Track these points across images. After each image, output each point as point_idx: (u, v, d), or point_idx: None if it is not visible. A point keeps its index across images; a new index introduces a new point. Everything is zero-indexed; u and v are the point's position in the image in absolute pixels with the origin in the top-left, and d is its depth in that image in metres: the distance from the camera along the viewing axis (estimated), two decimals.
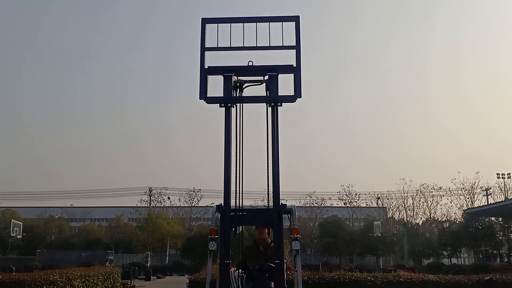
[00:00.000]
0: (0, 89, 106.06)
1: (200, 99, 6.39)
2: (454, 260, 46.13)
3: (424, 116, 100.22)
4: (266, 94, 6.53)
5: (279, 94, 6.35)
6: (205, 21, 6.66)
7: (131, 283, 26.47)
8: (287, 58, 6.56)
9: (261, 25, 6.59)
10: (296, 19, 6.59)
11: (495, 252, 42.36)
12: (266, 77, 6.52)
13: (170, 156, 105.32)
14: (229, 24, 6.63)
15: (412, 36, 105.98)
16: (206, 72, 6.51)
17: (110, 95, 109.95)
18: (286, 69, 6.46)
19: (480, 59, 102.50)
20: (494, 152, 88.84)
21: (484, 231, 41.31)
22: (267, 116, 6.39)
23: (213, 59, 6.66)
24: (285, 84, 6.47)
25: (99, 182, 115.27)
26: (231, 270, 6.60)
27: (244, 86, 6.71)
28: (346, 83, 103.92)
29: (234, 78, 6.55)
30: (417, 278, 14.62)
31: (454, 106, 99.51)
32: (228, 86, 6.46)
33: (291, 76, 6.44)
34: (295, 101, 6.37)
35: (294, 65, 6.45)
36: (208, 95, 6.43)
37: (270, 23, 6.56)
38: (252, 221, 6.81)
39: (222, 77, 6.52)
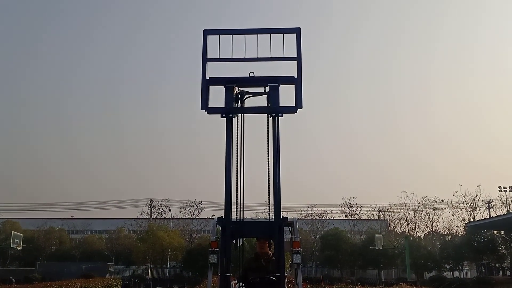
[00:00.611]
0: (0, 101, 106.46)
1: (201, 109, 6.40)
2: (456, 274, 45.79)
3: (427, 125, 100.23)
4: (267, 104, 6.53)
5: (280, 105, 6.36)
6: (207, 33, 6.70)
7: None
8: (288, 69, 6.60)
9: (262, 37, 6.63)
10: (297, 31, 6.64)
11: (497, 265, 42.09)
12: (267, 88, 6.54)
13: (171, 168, 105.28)
14: (231, 35, 6.66)
15: (415, 44, 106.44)
16: (207, 82, 6.53)
17: (111, 106, 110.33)
18: (287, 80, 6.49)
19: (484, 65, 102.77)
20: (497, 161, 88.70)
21: (486, 244, 41.08)
22: (268, 126, 6.40)
23: (214, 70, 6.69)
24: (286, 94, 6.50)
25: (99, 194, 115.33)
26: (231, 283, 6.57)
27: (245, 97, 6.72)
28: (348, 92, 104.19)
29: (236, 89, 6.57)
30: None
31: (458, 115, 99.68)
32: (229, 96, 6.48)
33: (292, 86, 6.46)
34: (296, 112, 6.38)
35: (295, 76, 6.47)
36: (209, 105, 6.44)
37: (272, 35, 6.59)
38: (253, 233, 6.79)
39: (224, 88, 6.53)
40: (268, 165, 6.24)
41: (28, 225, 59.75)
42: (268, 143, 6.30)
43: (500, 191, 53.37)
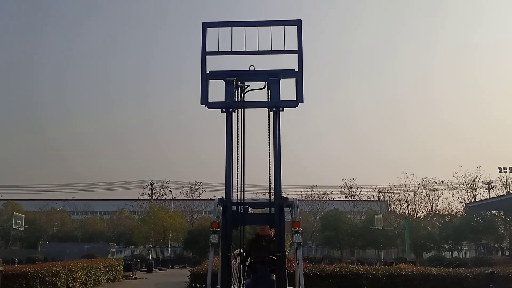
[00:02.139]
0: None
1: (201, 104, 6.29)
2: (455, 254, 46.17)
3: (427, 109, 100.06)
4: (268, 98, 6.44)
5: (281, 99, 6.26)
6: (206, 25, 6.54)
7: (133, 275, 26.57)
8: (289, 62, 6.48)
9: (262, 29, 6.51)
10: (298, 23, 6.49)
11: (496, 245, 42.40)
12: (268, 82, 6.43)
13: (171, 149, 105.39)
14: (231, 28, 6.53)
15: (418, 30, 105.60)
16: (207, 76, 6.40)
17: (114, 89, 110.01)
18: (288, 73, 6.36)
19: (485, 52, 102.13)
20: (497, 143, 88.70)
21: (486, 224, 41.31)
22: (268, 120, 6.33)
23: (213, 64, 6.57)
24: (287, 87, 6.40)
25: (100, 175, 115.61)
26: (232, 262, 6.62)
27: (245, 91, 6.63)
28: (350, 78, 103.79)
29: (236, 82, 6.46)
30: (418, 271, 14.63)
31: (459, 98, 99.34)
32: (229, 90, 6.36)
33: (293, 80, 6.35)
34: (297, 106, 6.28)
35: (296, 70, 6.35)
36: (209, 99, 6.35)
37: (272, 27, 6.47)
38: (254, 221, 6.81)
39: (224, 82, 6.42)
40: (269, 151, 6.19)
41: (30, 206, 60.07)
42: (269, 136, 6.23)
43: (500, 172, 53.53)
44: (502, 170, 53.21)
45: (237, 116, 6.34)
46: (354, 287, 13.86)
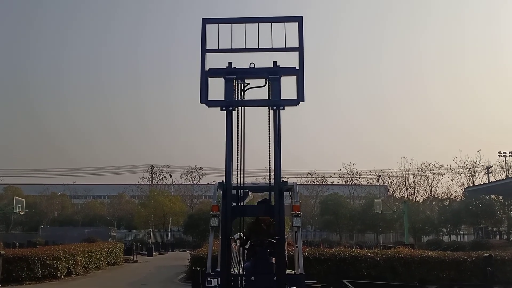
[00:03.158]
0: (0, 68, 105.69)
1: (200, 102, 6.19)
2: (453, 237, 46.49)
3: (422, 102, 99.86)
4: (268, 96, 6.36)
5: (281, 97, 6.18)
6: (205, 22, 6.39)
7: (133, 258, 26.78)
8: (290, 59, 6.35)
9: (263, 27, 6.39)
10: (299, 19, 6.35)
11: (494, 229, 42.60)
12: (269, 80, 6.34)
13: (171, 134, 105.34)
14: (231, 24, 6.41)
15: (407, 19, 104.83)
16: (206, 74, 6.29)
17: (113, 75, 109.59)
18: (288, 71, 6.26)
19: (477, 40, 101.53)
20: (494, 134, 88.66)
21: (485, 209, 41.48)
22: (269, 118, 6.27)
23: (212, 61, 6.45)
24: (288, 84, 6.30)
25: (100, 160, 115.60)
26: (232, 245, 6.65)
27: (245, 89, 6.54)
28: (342, 66, 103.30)
29: (236, 80, 6.36)
30: (417, 255, 14.74)
31: (456, 83, 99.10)
32: (229, 88, 6.25)
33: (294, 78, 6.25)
34: (298, 105, 6.21)
35: (297, 68, 6.25)
36: (208, 96, 6.25)
37: (272, 24, 6.35)
38: (254, 212, 6.81)
39: (223, 80, 6.33)
40: (270, 145, 6.15)
41: (30, 190, 60.23)
42: (269, 134, 6.18)
43: (500, 156, 53.38)
44: (502, 154, 53.11)
45: (237, 114, 6.25)
46: (353, 270, 13.98)
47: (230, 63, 6.35)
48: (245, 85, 6.50)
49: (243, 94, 6.51)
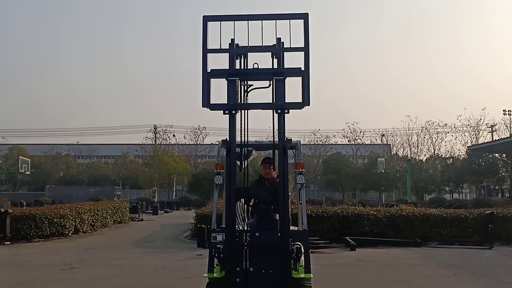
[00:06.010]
0: (6, 30, 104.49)
1: (202, 106, 6.01)
2: (456, 196, 46.84)
3: (430, 54, 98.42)
4: (272, 98, 6.20)
5: (286, 99, 6.02)
6: (207, 19, 6.14)
7: (139, 217, 27.15)
8: (295, 60, 6.15)
9: (266, 24, 6.14)
10: (305, 16, 6.06)
11: (497, 187, 42.90)
12: (273, 81, 6.16)
13: (174, 94, 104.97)
14: (233, 22, 6.17)
15: None
16: (208, 76, 6.07)
17: (116, 36, 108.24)
18: (293, 72, 6.03)
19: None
20: (503, 83, 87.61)
21: (488, 167, 41.65)
22: (273, 120, 6.15)
23: (213, 61, 6.23)
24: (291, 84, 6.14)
25: (104, 120, 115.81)
26: (237, 203, 6.71)
27: (248, 90, 6.37)
28: (343, 29, 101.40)
29: (239, 81, 6.17)
30: (419, 212, 14.85)
31: (462, 41, 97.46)
32: (232, 90, 6.06)
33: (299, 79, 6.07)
34: (303, 108, 6.06)
35: (303, 68, 6.06)
36: (210, 97, 6.07)
37: (277, 21, 6.10)
38: (258, 194, 6.79)
39: (226, 81, 6.15)
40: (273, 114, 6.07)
41: (35, 150, 60.57)
42: (273, 133, 6.07)
43: (504, 114, 52.83)
44: (507, 112, 52.63)
45: (241, 116, 6.12)
46: (356, 227, 14.12)
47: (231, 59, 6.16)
48: (248, 86, 6.35)
49: (246, 96, 6.37)
